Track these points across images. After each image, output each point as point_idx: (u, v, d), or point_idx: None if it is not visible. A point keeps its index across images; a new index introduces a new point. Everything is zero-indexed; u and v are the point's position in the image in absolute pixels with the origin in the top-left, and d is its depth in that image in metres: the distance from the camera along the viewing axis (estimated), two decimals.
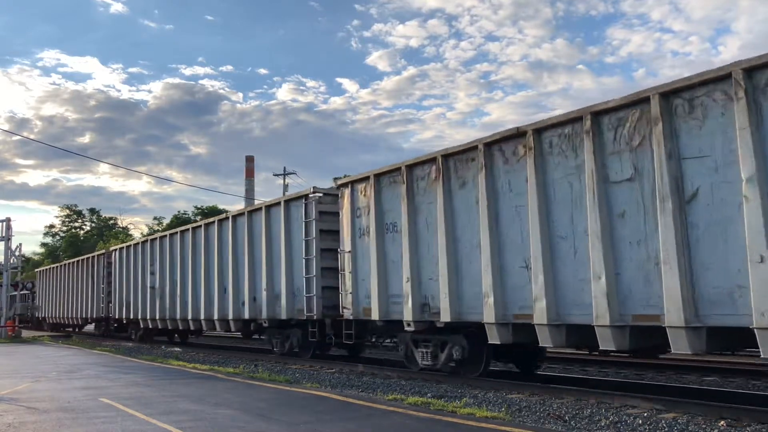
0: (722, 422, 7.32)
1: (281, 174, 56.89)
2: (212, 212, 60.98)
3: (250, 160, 67.35)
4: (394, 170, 12.35)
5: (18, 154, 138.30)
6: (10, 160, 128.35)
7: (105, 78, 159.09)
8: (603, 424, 7.53)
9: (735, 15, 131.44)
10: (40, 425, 7.80)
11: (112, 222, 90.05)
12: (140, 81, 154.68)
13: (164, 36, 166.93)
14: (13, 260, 33.84)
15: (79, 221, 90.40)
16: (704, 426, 7.22)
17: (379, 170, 12.76)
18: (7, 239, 32.74)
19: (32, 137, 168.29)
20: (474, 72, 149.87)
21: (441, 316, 11.07)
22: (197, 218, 60.22)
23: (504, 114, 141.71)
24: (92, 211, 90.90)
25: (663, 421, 7.47)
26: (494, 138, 10.30)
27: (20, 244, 34.38)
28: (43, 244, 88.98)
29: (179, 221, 64.15)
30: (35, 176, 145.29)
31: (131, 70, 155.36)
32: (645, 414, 7.97)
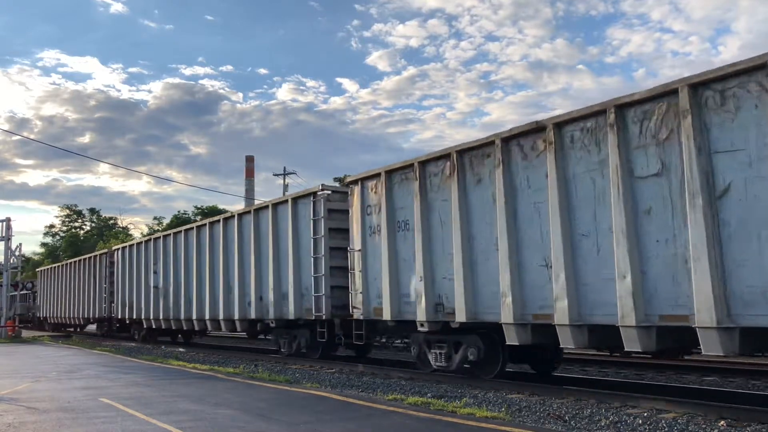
0: (722, 422, 7.27)
1: (281, 174, 56.74)
2: (212, 212, 60.67)
3: (250, 160, 67.32)
4: (406, 167, 12.06)
5: (18, 154, 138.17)
6: (10, 160, 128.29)
7: (105, 78, 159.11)
8: (603, 424, 7.49)
9: (735, 15, 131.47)
10: (40, 425, 7.77)
11: (112, 222, 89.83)
12: (140, 81, 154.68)
13: (164, 36, 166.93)
14: (13, 260, 33.78)
15: (79, 221, 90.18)
16: (704, 426, 7.18)
17: (391, 167, 12.48)
18: (7, 239, 32.69)
19: (32, 137, 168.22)
20: (474, 72, 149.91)
21: (456, 317, 10.79)
22: (197, 218, 59.92)
23: (504, 114, 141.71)
24: (92, 211, 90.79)
25: (663, 421, 7.43)
26: (512, 133, 10.02)
27: (20, 244, 34.49)
28: (43, 244, 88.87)
29: (179, 221, 63.86)
30: (35, 176, 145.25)
31: (131, 70, 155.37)
32: (645, 414, 7.92)
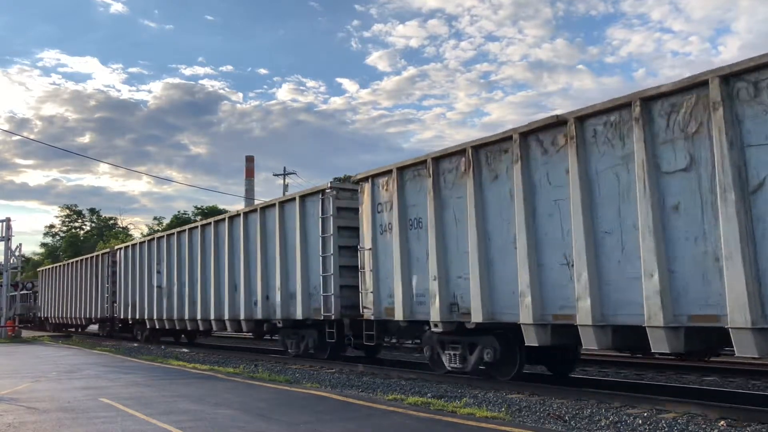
0: (722, 422, 7.22)
1: (281, 174, 56.47)
2: (212, 212, 60.42)
3: (250, 160, 67.01)
4: (419, 163, 11.77)
5: (18, 154, 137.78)
6: (10, 160, 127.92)
7: (105, 78, 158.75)
8: (603, 424, 7.44)
9: (735, 15, 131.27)
10: (40, 425, 7.73)
11: (112, 222, 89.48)
12: (140, 81, 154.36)
13: (164, 36, 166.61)
14: (13, 260, 33.60)
15: (79, 221, 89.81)
16: (704, 426, 7.13)
17: (402, 163, 12.19)
18: (7, 239, 32.51)
19: (32, 137, 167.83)
20: (474, 72, 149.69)
21: (471, 317, 10.51)
22: (197, 218, 59.67)
23: (504, 114, 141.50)
24: (92, 211, 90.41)
25: (663, 421, 7.37)
26: (531, 127, 9.73)
27: (20, 244, 34.39)
28: (43, 244, 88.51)
29: (179, 221, 63.53)
30: (35, 176, 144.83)
31: (131, 70, 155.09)
32: (645, 414, 7.86)
